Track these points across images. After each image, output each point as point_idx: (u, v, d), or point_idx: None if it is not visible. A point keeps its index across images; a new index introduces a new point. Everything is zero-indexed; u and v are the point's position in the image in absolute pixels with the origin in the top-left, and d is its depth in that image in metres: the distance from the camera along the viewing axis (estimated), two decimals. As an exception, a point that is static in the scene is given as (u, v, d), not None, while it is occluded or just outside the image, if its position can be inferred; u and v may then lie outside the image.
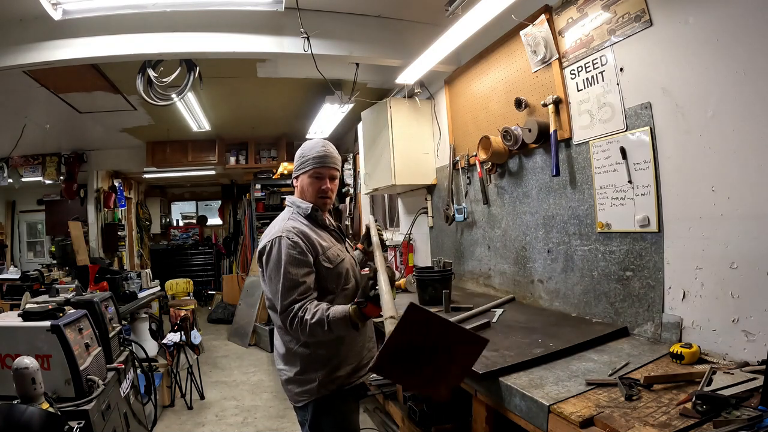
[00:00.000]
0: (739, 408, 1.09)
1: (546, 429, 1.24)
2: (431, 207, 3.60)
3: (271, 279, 1.53)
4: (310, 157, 1.69)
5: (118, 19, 2.45)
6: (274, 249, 1.54)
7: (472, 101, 2.90)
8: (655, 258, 1.72)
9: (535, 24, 2.18)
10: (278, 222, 1.65)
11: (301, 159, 1.71)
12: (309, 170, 1.70)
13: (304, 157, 1.70)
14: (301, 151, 1.71)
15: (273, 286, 1.53)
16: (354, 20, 2.80)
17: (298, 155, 1.72)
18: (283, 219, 1.65)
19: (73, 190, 6.18)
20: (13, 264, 6.69)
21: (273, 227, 1.64)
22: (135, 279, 4.24)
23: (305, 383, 1.60)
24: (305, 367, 1.60)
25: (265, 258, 1.57)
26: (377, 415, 3.21)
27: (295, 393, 1.63)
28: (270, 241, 1.56)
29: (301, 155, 1.71)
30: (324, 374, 1.59)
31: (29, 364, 1.60)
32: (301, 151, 1.72)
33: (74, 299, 2.30)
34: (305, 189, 1.71)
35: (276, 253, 1.53)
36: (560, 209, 2.21)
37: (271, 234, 1.59)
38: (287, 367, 1.64)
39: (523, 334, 1.86)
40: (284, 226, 1.58)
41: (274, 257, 1.53)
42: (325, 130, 5.13)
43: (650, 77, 1.70)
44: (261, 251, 1.59)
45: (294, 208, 1.70)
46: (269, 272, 1.54)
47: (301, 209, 1.68)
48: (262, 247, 1.58)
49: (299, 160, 1.71)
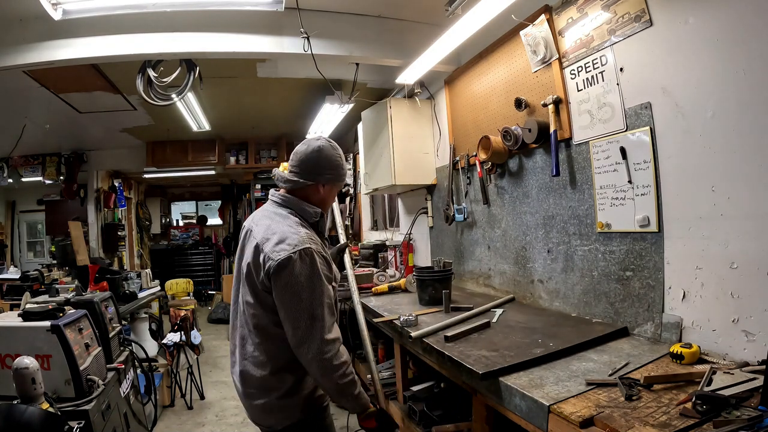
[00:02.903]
0: (739, 408, 1.09)
1: (546, 429, 1.24)
2: (431, 207, 3.60)
3: (303, 299, 1.35)
4: (345, 169, 1.59)
5: (118, 19, 2.45)
6: (306, 263, 1.35)
7: (472, 101, 2.91)
8: (655, 258, 1.72)
9: (535, 24, 2.18)
10: (286, 227, 1.43)
11: (339, 168, 1.56)
12: (341, 182, 1.60)
13: (341, 168, 1.57)
14: (336, 159, 1.55)
15: (306, 307, 1.35)
16: (354, 20, 2.80)
17: (333, 161, 1.54)
18: (293, 225, 1.45)
19: (73, 190, 6.18)
20: (13, 264, 6.69)
21: (283, 234, 1.40)
22: (135, 279, 4.24)
23: (291, 403, 1.48)
24: (294, 386, 1.48)
25: (291, 273, 1.34)
26: (377, 415, 3.21)
27: (278, 415, 1.49)
28: (297, 252, 1.35)
29: (337, 164, 1.55)
30: (310, 392, 1.51)
31: (29, 364, 1.60)
32: (335, 157, 1.55)
33: (74, 299, 2.30)
34: (326, 199, 1.58)
35: (310, 269, 1.36)
36: (560, 209, 2.21)
37: (291, 244, 1.36)
38: (271, 389, 1.47)
39: (523, 334, 1.86)
40: (304, 236, 1.40)
41: (308, 274, 1.35)
42: (325, 130, 5.12)
43: (650, 77, 1.70)
44: (282, 264, 1.34)
45: (297, 211, 1.52)
46: (299, 290, 1.35)
47: (308, 214, 1.52)
48: (284, 259, 1.34)
49: (335, 168, 1.55)
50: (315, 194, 1.55)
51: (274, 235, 1.40)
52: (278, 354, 1.45)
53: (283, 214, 1.50)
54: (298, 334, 1.36)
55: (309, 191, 1.54)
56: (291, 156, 1.57)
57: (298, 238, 1.38)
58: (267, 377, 1.45)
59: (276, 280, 1.36)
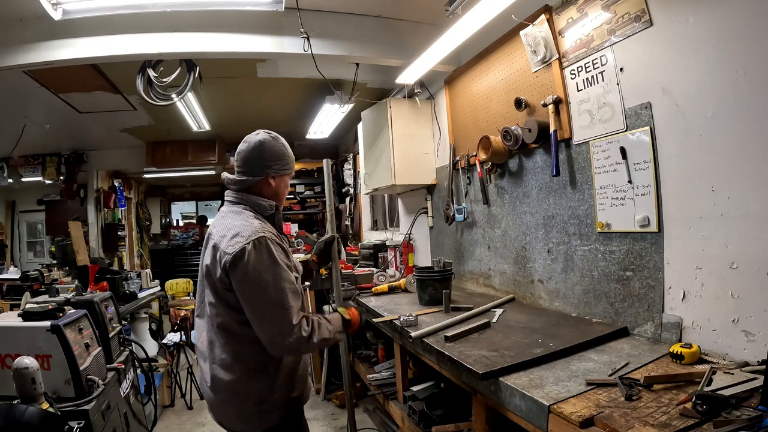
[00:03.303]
0: (739, 408, 1.09)
1: (546, 429, 1.24)
2: (431, 207, 3.60)
3: (264, 287, 1.33)
4: (290, 158, 1.60)
5: (118, 19, 2.45)
6: (262, 252, 1.34)
7: (472, 101, 2.90)
8: (655, 258, 1.72)
9: (535, 24, 2.18)
10: (240, 222, 1.43)
11: (284, 157, 1.57)
12: (290, 171, 1.61)
13: (287, 156, 1.58)
14: (281, 149, 1.57)
15: (268, 296, 1.34)
16: (354, 20, 2.80)
17: (277, 151, 1.55)
18: (247, 219, 1.45)
19: (73, 190, 6.18)
20: (13, 264, 6.69)
21: (237, 228, 1.40)
22: (135, 279, 4.23)
23: (267, 407, 1.44)
24: (268, 388, 1.45)
25: (246, 263, 1.33)
26: (377, 415, 3.22)
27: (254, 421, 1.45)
28: (250, 243, 1.34)
29: (282, 153, 1.56)
30: (285, 394, 1.49)
31: (29, 364, 1.60)
32: (279, 147, 1.56)
33: (74, 299, 2.30)
34: (281, 191, 1.59)
35: (267, 256, 1.35)
36: (560, 209, 2.21)
37: (244, 235, 1.36)
38: (243, 394, 1.43)
39: (523, 334, 1.86)
40: (258, 227, 1.41)
41: (264, 261, 1.34)
42: (325, 130, 5.13)
43: (650, 77, 1.70)
44: (237, 256, 1.33)
45: (251, 206, 1.51)
46: (257, 279, 1.33)
47: (262, 208, 1.51)
48: (239, 251, 1.33)
49: (281, 158, 1.56)
50: (267, 188, 1.54)
51: (229, 231, 1.40)
52: (247, 354, 1.42)
53: (237, 210, 1.49)
54: (267, 329, 1.35)
55: (261, 186, 1.54)
56: (235, 157, 1.57)
57: (251, 229, 1.38)
58: (237, 381, 1.42)
59: (234, 274, 1.34)
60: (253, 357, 1.42)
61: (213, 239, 1.44)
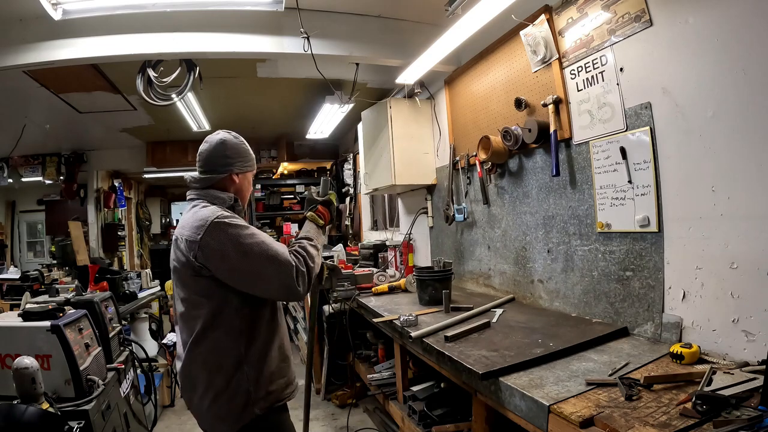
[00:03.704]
0: (739, 408, 1.09)
1: (546, 429, 1.24)
2: (431, 207, 3.60)
3: (245, 253, 1.32)
4: (252, 157, 1.61)
5: (118, 19, 2.45)
6: (225, 227, 1.34)
7: (472, 101, 2.90)
8: (655, 258, 1.72)
9: (535, 24, 2.18)
10: (200, 212, 1.41)
11: (246, 154, 1.59)
12: (253, 169, 1.62)
13: (249, 153, 1.60)
14: (243, 146, 1.58)
15: (253, 258, 1.33)
16: (354, 20, 2.80)
17: (240, 149, 1.56)
18: (205, 208, 1.43)
19: (73, 190, 6.18)
20: (13, 264, 6.69)
21: (196, 219, 1.39)
22: (135, 279, 4.23)
23: (241, 401, 1.39)
24: (236, 382, 1.39)
25: (220, 239, 1.32)
26: (377, 415, 3.22)
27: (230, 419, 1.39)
28: (212, 222, 1.34)
29: (244, 150, 1.58)
30: (262, 387, 1.42)
31: (29, 364, 1.61)
32: (241, 145, 1.58)
33: (74, 299, 2.30)
34: (245, 188, 1.60)
35: (232, 228, 1.34)
36: (560, 209, 2.21)
37: (204, 219, 1.36)
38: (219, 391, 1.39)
39: (523, 334, 1.86)
40: (216, 209, 1.41)
41: (231, 232, 1.33)
42: (325, 130, 5.13)
43: (650, 77, 1.70)
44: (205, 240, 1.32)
45: (210, 199, 1.49)
46: (235, 250, 1.32)
47: (221, 200, 1.49)
48: (205, 233, 1.32)
49: (243, 155, 1.57)
50: (231, 185, 1.54)
51: (187, 221, 1.41)
52: (222, 349, 1.39)
53: (198, 205, 1.47)
54: (273, 286, 1.36)
55: (224, 183, 1.53)
56: (197, 158, 1.56)
57: (209, 212, 1.38)
58: (212, 377, 1.39)
59: (210, 258, 1.33)
60: (229, 352, 1.39)
61: (177, 236, 1.43)
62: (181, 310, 1.45)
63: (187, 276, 1.39)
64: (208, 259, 1.33)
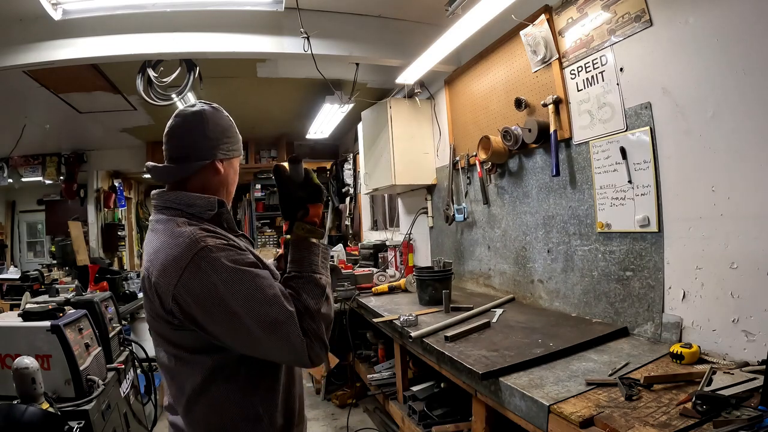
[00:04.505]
0: (739, 408, 1.09)
1: (546, 429, 1.24)
2: (431, 207, 3.60)
3: (238, 317, 0.93)
4: (239, 135, 1.20)
5: (118, 19, 2.45)
6: (208, 268, 0.94)
7: (472, 101, 2.90)
8: (655, 258, 1.72)
9: (535, 24, 2.18)
10: (168, 238, 1.00)
11: (233, 133, 1.17)
12: (240, 152, 1.21)
13: (235, 133, 1.18)
14: (227, 122, 1.17)
15: (249, 323, 0.93)
16: (354, 20, 2.80)
17: (224, 125, 1.16)
18: (174, 230, 1.01)
19: (73, 190, 6.18)
20: (13, 264, 6.69)
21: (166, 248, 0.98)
22: (135, 279, 4.23)
23: None
24: None
25: (200, 291, 0.93)
26: (377, 415, 3.22)
27: None
28: (189, 266, 0.94)
29: (230, 127, 1.17)
30: None
31: (29, 364, 1.60)
32: (225, 120, 1.17)
33: (74, 299, 2.30)
34: (231, 180, 1.18)
35: (222, 270, 0.94)
36: (560, 209, 2.21)
37: (176, 258, 0.95)
38: None
39: (523, 334, 1.86)
40: (192, 236, 0.98)
41: (221, 278, 0.93)
42: (325, 131, 5.13)
43: (650, 77, 1.70)
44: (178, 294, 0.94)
45: (182, 208, 1.06)
46: (224, 309, 0.93)
47: (197, 208, 1.07)
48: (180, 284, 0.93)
49: (230, 134, 1.16)
50: (213, 177, 1.12)
51: (157, 255, 0.99)
52: (227, 408, 1.03)
53: (164, 219, 1.06)
54: (278, 354, 0.99)
55: (205, 175, 1.11)
56: (164, 140, 1.13)
57: (184, 244, 0.96)
58: None
59: (190, 314, 0.95)
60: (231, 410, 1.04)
61: (143, 275, 1.03)
62: (165, 362, 1.07)
63: (166, 330, 1.01)
64: (188, 316, 0.95)
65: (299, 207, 1.11)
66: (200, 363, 1.02)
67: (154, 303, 0.99)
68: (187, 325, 0.97)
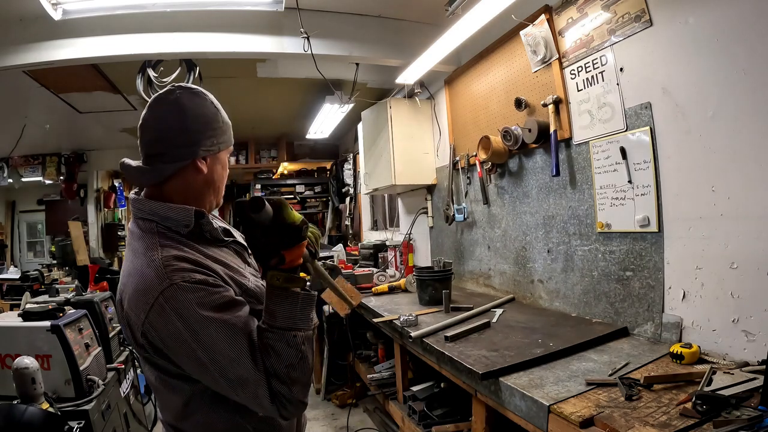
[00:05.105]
0: (739, 408, 1.09)
1: (546, 429, 1.24)
2: (431, 207, 3.60)
3: (203, 366, 0.87)
4: (227, 123, 1.06)
5: (118, 19, 2.45)
6: (174, 314, 0.85)
7: (472, 101, 2.90)
8: (655, 258, 1.72)
9: (535, 24, 2.18)
10: (138, 263, 0.92)
11: (218, 123, 1.02)
12: (229, 143, 1.07)
13: (221, 122, 1.03)
14: (211, 110, 1.01)
15: (217, 377, 0.87)
16: (354, 20, 2.80)
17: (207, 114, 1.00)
18: (146, 254, 0.91)
19: (73, 190, 6.18)
20: (13, 264, 6.70)
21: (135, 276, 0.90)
22: (135, 279, 4.23)
23: None
24: None
25: (167, 335, 0.87)
26: (377, 415, 3.22)
27: None
28: (155, 306, 0.86)
29: (214, 116, 1.01)
30: None
31: (29, 364, 1.61)
32: (208, 108, 1.01)
33: (74, 299, 2.30)
34: (218, 177, 1.04)
35: (188, 316, 0.85)
36: (560, 209, 2.21)
37: (145, 291, 0.87)
38: None
39: (523, 334, 1.86)
40: (158, 270, 0.88)
41: (189, 325, 0.85)
42: (325, 130, 5.13)
43: (650, 77, 1.70)
44: (147, 331, 0.88)
45: (159, 221, 0.96)
46: (191, 355, 0.87)
47: (171, 223, 0.96)
48: (141, 324, 0.87)
49: (214, 125, 1.01)
50: (195, 177, 0.99)
51: (129, 280, 0.92)
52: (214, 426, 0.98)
53: (138, 234, 0.97)
54: (251, 403, 0.91)
55: (185, 177, 0.99)
56: (138, 136, 1.00)
57: (151, 277, 0.88)
58: None
59: (162, 351, 0.90)
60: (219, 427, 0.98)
61: (119, 297, 0.96)
62: (150, 378, 1.01)
63: (144, 354, 0.95)
64: (159, 352, 0.90)
65: (272, 255, 0.91)
66: (183, 388, 0.95)
67: (126, 331, 0.94)
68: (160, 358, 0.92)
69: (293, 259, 0.93)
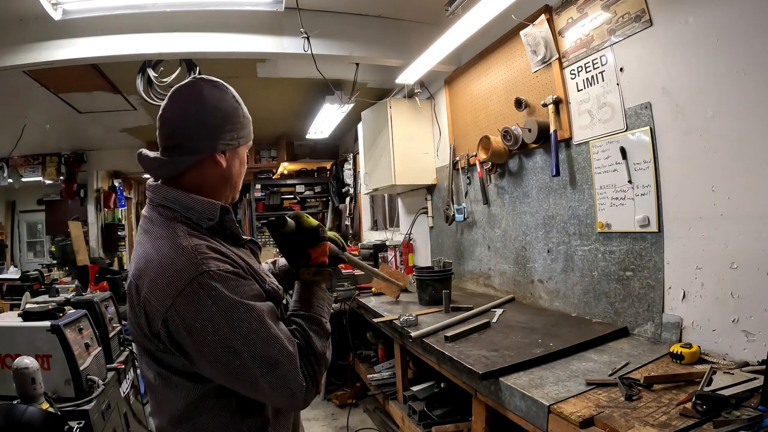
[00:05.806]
0: (739, 408, 1.09)
1: (546, 429, 1.24)
2: (431, 207, 3.60)
3: (236, 353, 0.86)
4: (247, 117, 1.05)
5: (118, 19, 2.45)
6: (208, 301, 0.84)
7: (472, 101, 2.90)
8: (655, 258, 1.72)
9: (535, 24, 2.18)
10: (165, 249, 0.89)
11: (239, 117, 1.01)
12: (249, 138, 1.05)
13: (242, 116, 1.02)
14: (232, 104, 1.01)
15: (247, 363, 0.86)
16: (354, 20, 2.80)
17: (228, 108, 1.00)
18: (173, 241, 0.89)
19: (73, 190, 6.19)
20: (13, 264, 6.70)
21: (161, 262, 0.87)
22: (135, 279, 4.23)
23: None
24: None
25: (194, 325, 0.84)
26: (377, 415, 3.22)
27: None
28: (187, 293, 0.84)
29: (235, 110, 1.00)
30: None
31: (29, 364, 1.60)
32: (229, 101, 1.01)
33: (74, 299, 2.30)
34: (236, 172, 1.04)
35: (224, 304, 0.85)
36: (560, 209, 2.21)
37: (173, 278, 0.85)
38: None
39: (523, 334, 1.86)
40: (191, 257, 0.87)
41: (216, 316, 0.85)
42: (325, 130, 5.13)
43: (650, 77, 1.70)
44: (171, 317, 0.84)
45: (180, 211, 0.95)
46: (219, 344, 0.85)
47: (195, 214, 0.95)
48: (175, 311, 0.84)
49: (234, 119, 1.00)
50: (213, 170, 0.98)
51: (149, 265, 0.89)
52: None
53: (160, 221, 0.94)
54: (273, 397, 0.91)
55: (203, 170, 0.97)
56: (157, 123, 0.99)
57: (183, 263, 0.86)
58: None
59: (180, 343, 0.86)
60: None
61: (130, 282, 0.92)
62: (149, 378, 0.97)
63: (150, 347, 0.92)
64: (176, 344, 0.87)
65: (301, 255, 1.08)
66: (187, 388, 0.92)
67: (140, 319, 0.89)
68: (173, 352, 0.89)
69: (317, 256, 1.08)
